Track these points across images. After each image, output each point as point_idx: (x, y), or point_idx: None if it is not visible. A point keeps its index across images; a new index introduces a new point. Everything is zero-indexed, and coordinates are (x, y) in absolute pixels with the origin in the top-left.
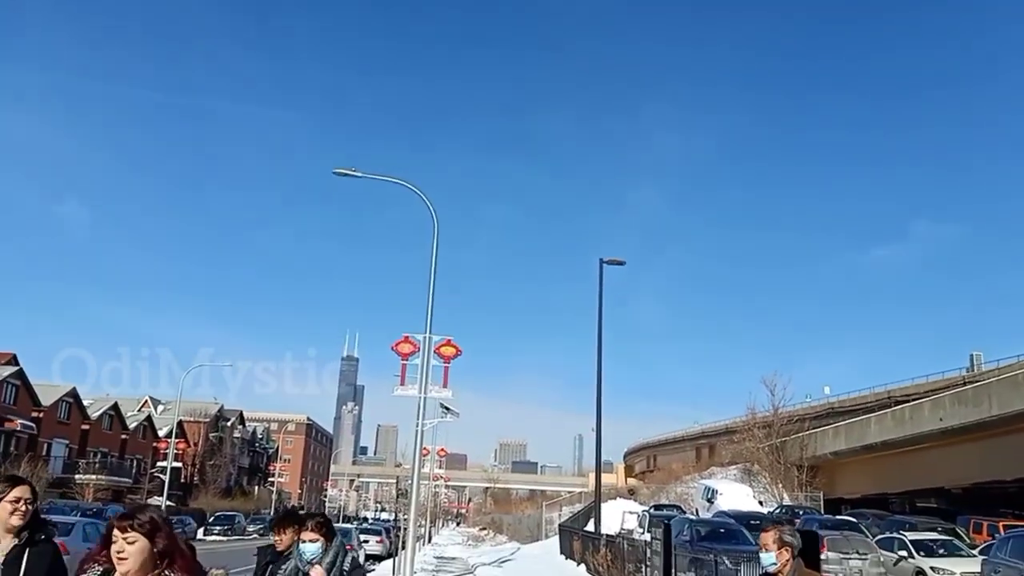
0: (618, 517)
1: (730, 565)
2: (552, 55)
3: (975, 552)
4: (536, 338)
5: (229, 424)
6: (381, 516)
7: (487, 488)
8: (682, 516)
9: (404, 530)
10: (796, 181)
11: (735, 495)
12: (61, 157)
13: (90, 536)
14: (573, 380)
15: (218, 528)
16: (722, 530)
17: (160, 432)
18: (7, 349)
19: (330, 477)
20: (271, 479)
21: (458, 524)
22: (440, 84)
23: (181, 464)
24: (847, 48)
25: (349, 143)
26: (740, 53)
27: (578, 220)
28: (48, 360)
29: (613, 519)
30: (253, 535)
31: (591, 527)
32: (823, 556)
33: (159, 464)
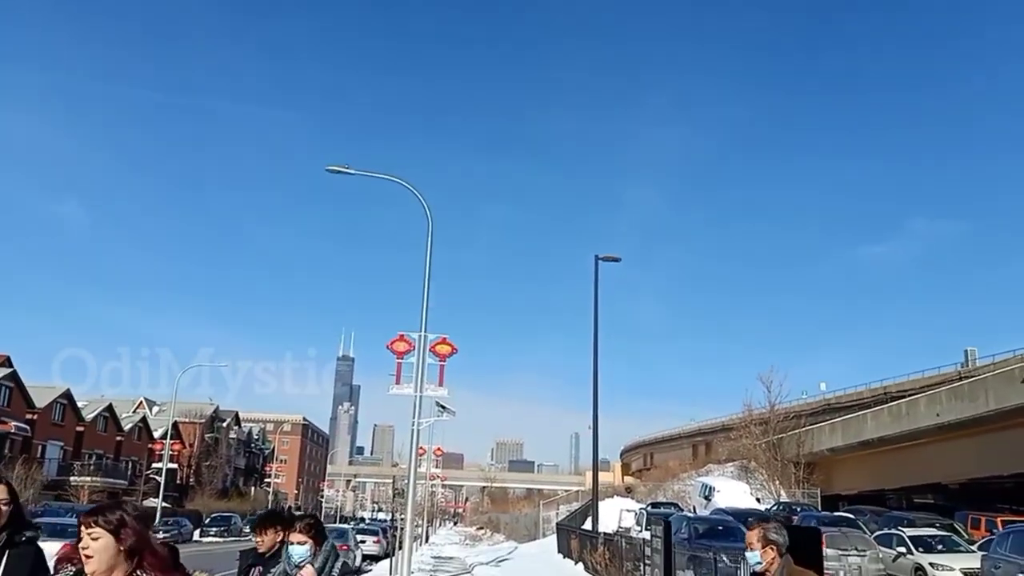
0: (615, 515)
1: (728, 562)
2: (552, 54)
3: (974, 548)
4: (533, 337)
5: (225, 425)
6: (378, 516)
7: (484, 487)
8: (680, 514)
9: (401, 530)
10: (793, 179)
11: (732, 492)
12: (61, 157)
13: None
14: (570, 378)
15: (214, 529)
16: (720, 528)
17: (155, 433)
18: (1, 351)
19: (327, 477)
20: (267, 480)
21: (455, 524)
22: (440, 84)
23: (177, 465)
24: (845, 44)
25: (349, 143)
26: (739, 51)
27: (576, 219)
28: (45, 361)
29: (610, 517)
30: (249, 536)
31: (588, 525)
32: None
33: (155, 465)
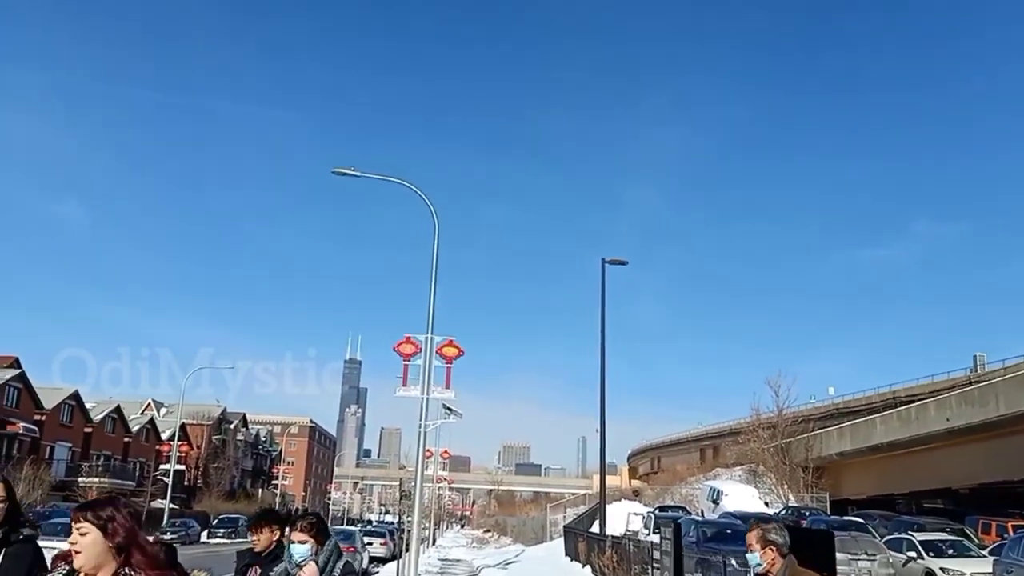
0: (623, 519)
1: (738, 566)
2: (552, 54)
3: (985, 552)
4: (538, 339)
5: (232, 427)
6: (385, 518)
7: (491, 490)
8: (688, 517)
9: (408, 532)
10: (793, 179)
11: (740, 496)
12: (61, 157)
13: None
14: (575, 381)
15: (222, 531)
16: (728, 531)
17: (163, 435)
18: (9, 352)
19: (334, 480)
20: (275, 482)
21: (462, 526)
22: (440, 84)
23: (184, 467)
24: (845, 44)
25: (349, 143)
26: (739, 51)
27: (577, 219)
28: (48, 361)
29: (618, 521)
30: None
31: (596, 529)
32: None
33: (162, 467)
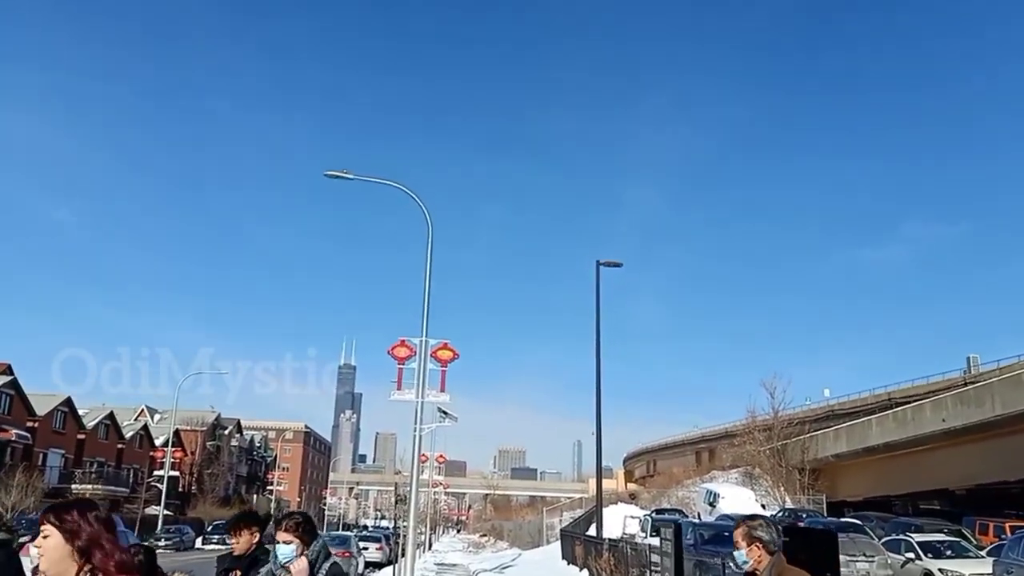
0: (619, 522)
1: (736, 568)
2: (552, 54)
3: (983, 553)
4: (534, 341)
5: (227, 432)
6: (381, 523)
7: (487, 495)
8: (686, 520)
9: (404, 537)
10: (796, 179)
11: (737, 498)
12: (60, 157)
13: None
14: (571, 384)
15: (216, 537)
16: (726, 533)
17: (157, 441)
18: (2, 359)
19: (329, 485)
20: (269, 487)
21: (459, 531)
22: (440, 84)
23: (178, 473)
24: (845, 44)
25: (349, 143)
26: (739, 51)
27: (576, 219)
28: (42, 362)
29: (614, 524)
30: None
31: (592, 532)
32: None
33: (156, 473)
